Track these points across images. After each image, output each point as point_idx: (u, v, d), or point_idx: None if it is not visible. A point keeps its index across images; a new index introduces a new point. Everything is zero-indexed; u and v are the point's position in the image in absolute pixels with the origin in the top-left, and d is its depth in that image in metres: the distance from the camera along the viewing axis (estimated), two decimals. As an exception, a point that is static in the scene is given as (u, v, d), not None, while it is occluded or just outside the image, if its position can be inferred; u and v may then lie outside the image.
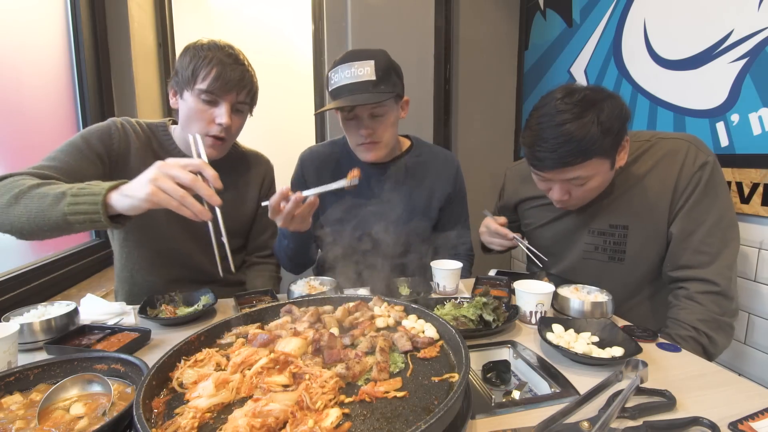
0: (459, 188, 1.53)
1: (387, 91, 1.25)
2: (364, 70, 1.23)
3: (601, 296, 1.07)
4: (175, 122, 1.32)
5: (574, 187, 1.12)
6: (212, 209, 0.89)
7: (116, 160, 1.19)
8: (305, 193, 1.07)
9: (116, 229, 0.97)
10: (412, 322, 0.82)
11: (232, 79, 1.14)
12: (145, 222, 1.21)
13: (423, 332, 0.79)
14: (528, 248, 1.26)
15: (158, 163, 0.85)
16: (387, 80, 1.26)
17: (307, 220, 1.15)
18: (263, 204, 1.13)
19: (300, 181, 1.51)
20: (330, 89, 1.31)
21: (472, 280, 1.33)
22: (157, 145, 1.28)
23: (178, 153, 1.28)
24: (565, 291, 1.11)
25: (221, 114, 1.15)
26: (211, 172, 0.86)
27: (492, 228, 1.31)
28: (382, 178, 1.44)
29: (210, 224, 0.94)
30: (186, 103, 1.17)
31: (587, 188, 1.11)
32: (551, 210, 1.32)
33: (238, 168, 1.40)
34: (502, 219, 1.34)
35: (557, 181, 1.12)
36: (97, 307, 1.11)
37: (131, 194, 0.84)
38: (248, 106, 1.25)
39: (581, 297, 1.07)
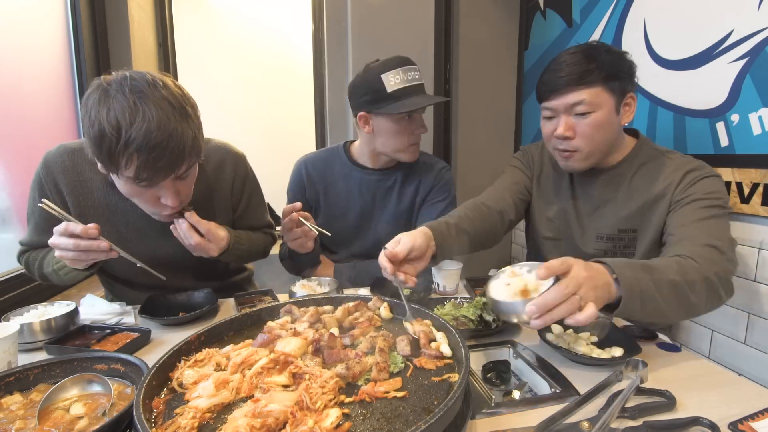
0: (439, 188, 1.50)
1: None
2: (417, 75, 1.34)
3: None
4: None
5: (579, 121, 1.11)
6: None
7: (63, 206, 1.10)
8: (307, 225, 1.23)
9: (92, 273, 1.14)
10: (444, 344, 0.74)
11: (162, 167, 0.91)
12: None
13: (439, 347, 0.73)
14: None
15: (51, 242, 0.96)
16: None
17: (307, 244, 1.27)
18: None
19: (297, 187, 1.53)
20: (391, 90, 1.30)
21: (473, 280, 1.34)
22: (98, 172, 1.03)
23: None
24: None
25: (166, 197, 0.99)
26: (79, 229, 0.93)
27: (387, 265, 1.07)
28: (378, 183, 1.49)
29: (125, 256, 1.00)
30: (119, 182, 0.98)
31: (591, 123, 1.10)
32: (560, 210, 1.28)
33: (199, 182, 1.14)
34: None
35: (562, 113, 1.13)
36: (97, 306, 1.11)
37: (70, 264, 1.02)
38: (197, 161, 1.02)
39: None
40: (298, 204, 1.25)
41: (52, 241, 0.95)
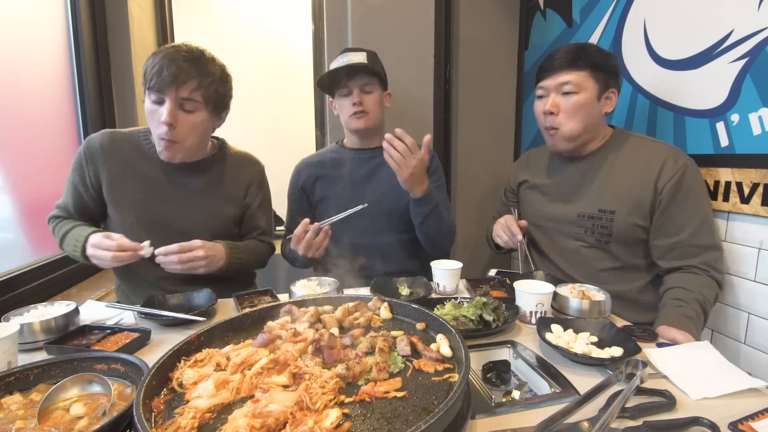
0: (437, 185, 1.56)
1: (378, 72, 1.48)
2: (358, 57, 1.48)
3: (599, 295, 1.08)
4: None
5: (564, 99, 1.30)
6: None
7: (97, 184, 1.27)
8: (323, 223, 1.30)
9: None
10: (444, 345, 0.74)
11: (170, 73, 1.11)
12: (125, 228, 1.27)
13: (439, 348, 0.73)
14: (527, 253, 1.36)
15: (93, 243, 1.14)
16: (375, 66, 1.50)
17: (322, 249, 1.32)
18: (287, 237, 1.35)
19: (296, 191, 1.60)
20: (330, 70, 1.49)
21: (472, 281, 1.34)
22: (136, 150, 1.29)
23: (156, 155, 1.27)
24: (564, 290, 1.11)
25: (163, 112, 1.13)
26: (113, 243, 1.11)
27: (508, 224, 1.42)
28: (369, 160, 1.58)
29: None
30: (145, 105, 1.18)
31: (574, 102, 1.29)
32: (547, 193, 1.48)
33: (220, 169, 1.38)
34: (523, 222, 1.45)
35: (552, 91, 1.32)
36: (97, 313, 1.10)
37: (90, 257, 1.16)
38: (202, 104, 1.19)
39: (580, 296, 1.07)
40: (306, 220, 1.30)
41: (93, 250, 1.13)
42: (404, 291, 1.24)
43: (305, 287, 1.18)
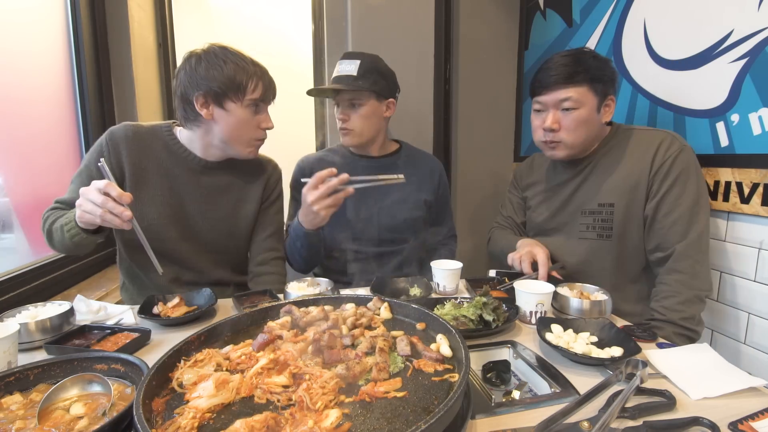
0: (442, 193, 1.69)
1: (364, 87, 1.44)
2: (349, 68, 1.45)
3: (599, 295, 1.08)
4: (179, 125, 1.32)
5: (564, 115, 1.29)
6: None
7: (120, 175, 1.24)
8: (353, 179, 1.25)
9: (101, 239, 1.16)
10: (444, 345, 0.74)
11: (273, 88, 1.30)
12: (145, 225, 1.22)
13: (439, 348, 0.73)
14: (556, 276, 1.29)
15: (82, 190, 1.01)
16: (367, 78, 1.44)
17: (330, 212, 1.27)
18: (302, 180, 1.28)
19: (296, 185, 1.59)
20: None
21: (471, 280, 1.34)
22: (161, 145, 1.29)
23: (185, 152, 1.30)
24: (564, 290, 1.11)
25: (266, 119, 1.31)
26: (115, 192, 0.98)
27: (537, 258, 1.27)
28: (379, 169, 1.57)
29: (138, 232, 1.05)
30: (232, 113, 1.23)
31: (575, 118, 1.28)
32: (550, 197, 1.50)
33: (243, 169, 1.40)
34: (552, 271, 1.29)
35: (550, 108, 1.31)
36: (88, 307, 1.09)
37: (77, 218, 1.05)
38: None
39: (579, 296, 1.07)
40: (333, 170, 1.26)
41: (84, 189, 1.00)
42: (413, 291, 1.23)
43: (300, 288, 1.18)
